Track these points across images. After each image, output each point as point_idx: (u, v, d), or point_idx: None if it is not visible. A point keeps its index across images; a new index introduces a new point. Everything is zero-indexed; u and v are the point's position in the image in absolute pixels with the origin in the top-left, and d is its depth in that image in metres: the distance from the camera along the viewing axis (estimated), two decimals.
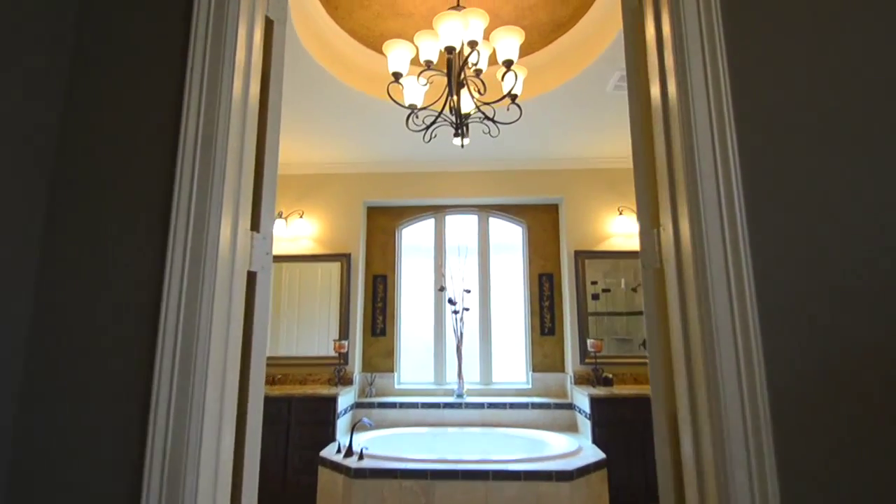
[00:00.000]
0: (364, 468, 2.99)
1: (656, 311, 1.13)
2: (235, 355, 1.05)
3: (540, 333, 4.35)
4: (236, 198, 1.08)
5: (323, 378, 4.11)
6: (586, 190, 4.28)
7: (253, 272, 1.16)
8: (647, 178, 1.19)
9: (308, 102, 3.27)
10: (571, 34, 2.91)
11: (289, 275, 4.29)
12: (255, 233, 1.17)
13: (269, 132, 1.22)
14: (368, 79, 3.16)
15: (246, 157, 1.12)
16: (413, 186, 4.35)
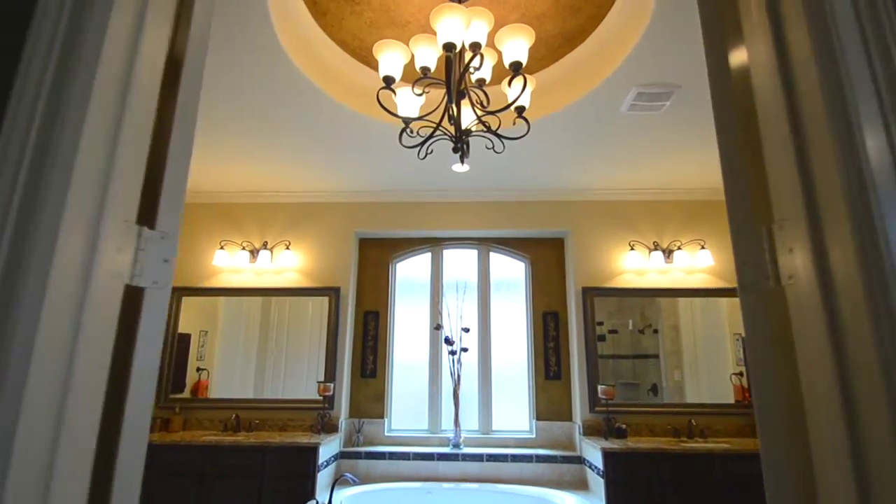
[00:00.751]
0: None
1: (771, 351, 0.78)
2: (89, 421, 0.70)
3: (545, 377, 3.99)
4: (106, 162, 0.71)
5: (305, 424, 3.72)
6: (595, 223, 4.02)
7: (137, 288, 0.78)
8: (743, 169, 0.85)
9: (293, 120, 3.05)
10: (583, 47, 2.71)
11: (277, 309, 3.97)
12: (144, 228, 0.80)
13: (183, 80, 0.87)
14: (360, 96, 2.95)
15: (135, 99, 0.76)
16: (408, 217, 4.10)
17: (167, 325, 3.90)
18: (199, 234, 4.09)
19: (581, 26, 2.60)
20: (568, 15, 2.53)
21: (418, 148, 2.27)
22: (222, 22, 2.18)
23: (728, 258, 3.92)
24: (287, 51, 2.40)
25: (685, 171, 3.68)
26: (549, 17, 2.53)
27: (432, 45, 1.91)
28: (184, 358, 3.91)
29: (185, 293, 3.98)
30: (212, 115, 2.95)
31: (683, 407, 3.70)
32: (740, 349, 3.83)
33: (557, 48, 2.77)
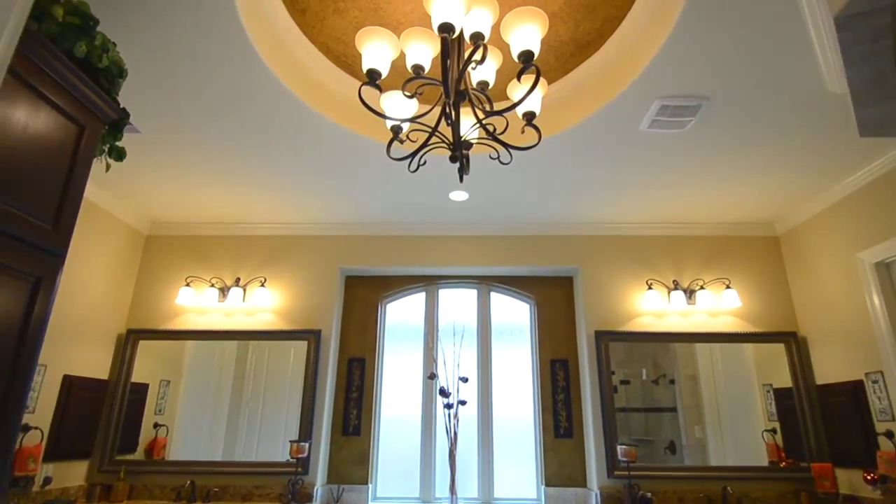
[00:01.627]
0: None
1: None
2: None
3: (554, 435, 3.48)
4: None
5: (274, 493, 3.16)
6: (607, 260, 3.63)
7: None
8: None
9: (270, 139, 2.67)
10: (599, 55, 2.38)
11: (255, 355, 3.47)
12: None
13: None
14: (344, 109, 2.58)
15: None
16: (400, 252, 3.68)
17: (118, 375, 3.37)
18: (161, 270, 3.63)
19: (597, 30, 2.28)
20: (582, 16, 2.21)
21: (409, 161, 1.88)
22: (184, 21, 1.83)
23: (757, 299, 3.53)
24: (260, 53, 2.05)
25: (709, 202, 3.33)
26: (560, 19, 2.21)
27: (427, 41, 1.55)
28: (138, 412, 3.36)
29: (142, 336, 3.48)
30: (177, 134, 2.57)
31: (715, 471, 3.20)
32: (772, 401, 3.38)
33: (569, 58, 2.45)
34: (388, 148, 1.77)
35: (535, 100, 1.71)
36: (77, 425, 3.09)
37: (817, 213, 3.29)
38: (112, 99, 1.73)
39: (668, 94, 2.27)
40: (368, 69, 1.53)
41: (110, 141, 1.89)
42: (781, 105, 2.33)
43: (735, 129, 2.52)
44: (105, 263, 3.33)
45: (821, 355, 3.28)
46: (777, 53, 2.01)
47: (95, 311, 3.25)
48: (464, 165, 1.79)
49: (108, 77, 1.72)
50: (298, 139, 2.61)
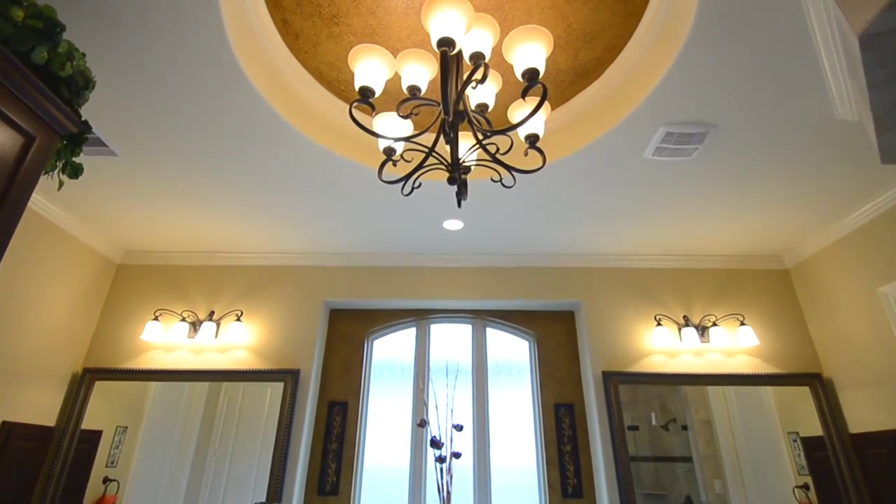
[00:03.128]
0: None
1: None
2: None
3: (562, 495, 3.06)
4: None
5: None
6: (611, 293, 3.39)
7: None
8: None
9: (254, 163, 2.50)
10: (600, 82, 2.30)
11: (228, 397, 3.11)
12: None
13: None
14: (336, 136, 2.45)
15: None
16: (390, 284, 3.43)
17: (67, 421, 2.98)
18: (129, 302, 3.34)
19: (597, 59, 2.22)
20: (581, 45, 2.15)
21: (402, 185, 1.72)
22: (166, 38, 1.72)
23: (774, 337, 3.26)
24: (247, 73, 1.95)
25: (716, 233, 3.16)
26: (559, 48, 2.15)
27: (423, 62, 1.50)
28: (86, 464, 2.94)
29: (99, 376, 3.12)
30: (154, 157, 2.40)
31: None
32: (800, 452, 3.01)
33: (568, 86, 2.37)
34: (381, 171, 1.61)
35: (539, 122, 1.63)
36: (13, 479, 2.66)
37: (828, 245, 3.12)
38: (73, 111, 1.57)
39: (674, 120, 2.18)
40: (361, 87, 1.43)
41: (67, 156, 1.71)
42: (790, 133, 2.24)
43: (742, 157, 2.40)
44: (67, 294, 3.05)
45: (852, 400, 2.97)
46: (786, 80, 1.95)
47: (50, 347, 2.92)
48: (462, 189, 1.64)
49: (72, 87, 1.57)
50: (285, 163, 2.46)
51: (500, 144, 2.44)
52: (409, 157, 1.77)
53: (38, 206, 2.82)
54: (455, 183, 1.59)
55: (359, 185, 2.66)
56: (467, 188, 1.69)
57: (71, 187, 2.72)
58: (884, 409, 2.73)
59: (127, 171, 2.56)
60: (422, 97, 1.51)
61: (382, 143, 1.68)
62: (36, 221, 2.82)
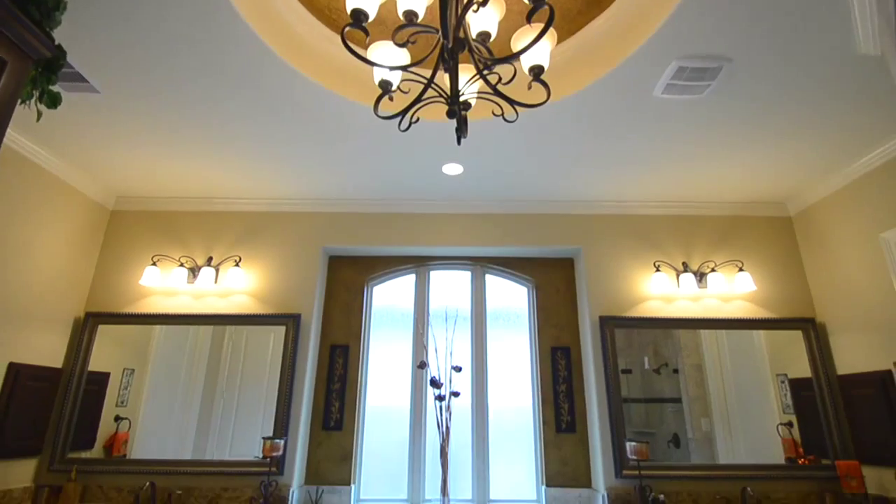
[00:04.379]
0: None
1: None
2: None
3: (556, 430, 3.19)
4: None
5: (244, 496, 2.83)
6: (610, 240, 3.37)
7: None
8: None
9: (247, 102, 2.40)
10: (611, 11, 2.15)
11: (232, 342, 3.16)
12: None
13: None
14: (331, 71, 2.33)
15: None
16: (389, 230, 3.40)
17: (74, 363, 3.04)
18: (126, 248, 3.31)
19: None
20: None
21: (399, 121, 1.64)
22: None
23: (771, 283, 3.28)
24: (234, 3, 1.80)
25: (720, 179, 3.10)
26: None
27: None
28: (96, 404, 3.03)
29: (102, 320, 3.15)
30: (144, 97, 2.29)
31: (732, 469, 2.92)
32: (787, 393, 3.12)
33: (576, 15, 2.22)
34: (376, 105, 1.52)
35: (544, 52, 1.52)
36: (25, 419, 2.75)
37: (834, 191, 3.07)
38: (45, 34, 1.45)
39: (688, 54, 2.06)
40: (353, 9, 1.32)
41: (43, 84, 1.61)
42: (807, 68, 2.13)
43: (754, 94, 2.30)
44: (63, 240, 3.02)
45: (842, 343, 3.03)
46: (807, 10, 1.82)
47: (50, 292, 2.93)
48: (462, 126, 1.56)
49: (41, 8, 1.45)
50: (279, 103, 2.34)
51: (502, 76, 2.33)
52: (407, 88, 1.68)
53: (28, 151, 2.73)
54: (454, 116, 1.52)
55: (355, 125, 2.56)
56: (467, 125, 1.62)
57: (58, 130, 2.61)
58: (872, 351, 2.79)
59: (110, 111, 2.45)
60: (419, 23, 1.41)
61: (378, 76, 1.59)
62: (28, 168, 2.75)
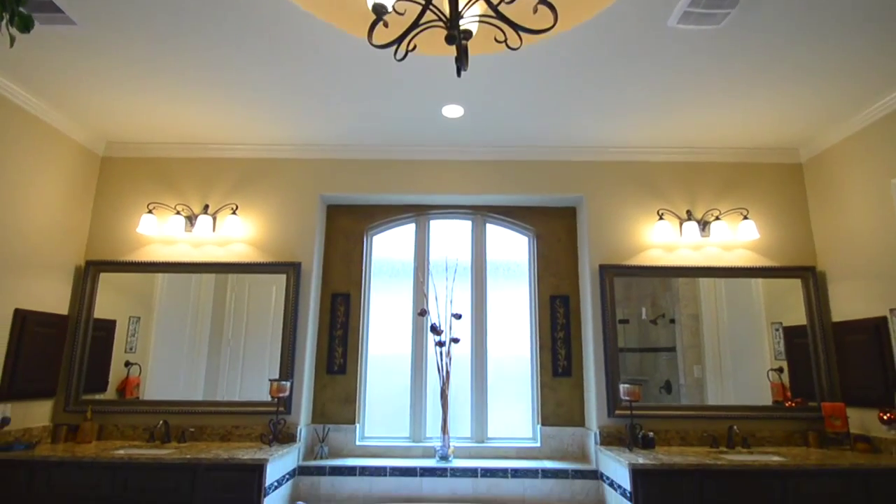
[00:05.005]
0: None
1: None
2: None
3: (552, 374, 3.29)
4: None
5: (254, 432, 2.97)
6: (614, 188, 3.31)
7: None
8: None
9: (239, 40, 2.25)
10: None
11: (235, 290, 3.20)
12: None
13: None
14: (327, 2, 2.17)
15: None
16: (387, 178, 3.33)
17: (79, 310, 3.09)
18: (120, 196, 3.27)
19: None
20: None
21: (395, 48, 1.53)
22: None
23: (775, 231, 3.25)
24: None
25: (730, 123, 2.98)
26: None
27: None
28: (105, 349, 3.11)
29: (102, 268, 3.17)
30: (129, 34, 2.14)
31: (720, 410, 3.03)
32: (781, 340, 3.18)
33: None
34: (371, 32, 1.41)
35: None
36: (36, 363, 2.83)
37: (849, 135, 2.96)
38: None
39: None
40: None
41: (11, 5, 1.49)
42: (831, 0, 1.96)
43: (776, 24, 2.14)
44: (55, 187, 2.97)
45: (840, 291, 3.05)
46: None
47: (47, 240, 2.92)
48: (462, 56, 1.45)
49: None
50: (272, 38, 2.20)
51: None
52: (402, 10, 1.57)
53: (12, 93, 2.62)
54: (453, 42, 1.42)
55: (351, 59, 2.43)
56: (468, 56, 1.51)
57: (38, 68, 2.48)
58: (869, 298, 2.81)
59: (88, 45, 2.31)
60: None
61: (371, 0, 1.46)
62: (13, 111, 2.65)
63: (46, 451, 2.60)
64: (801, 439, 2.98)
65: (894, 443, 2.61)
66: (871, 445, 2.74)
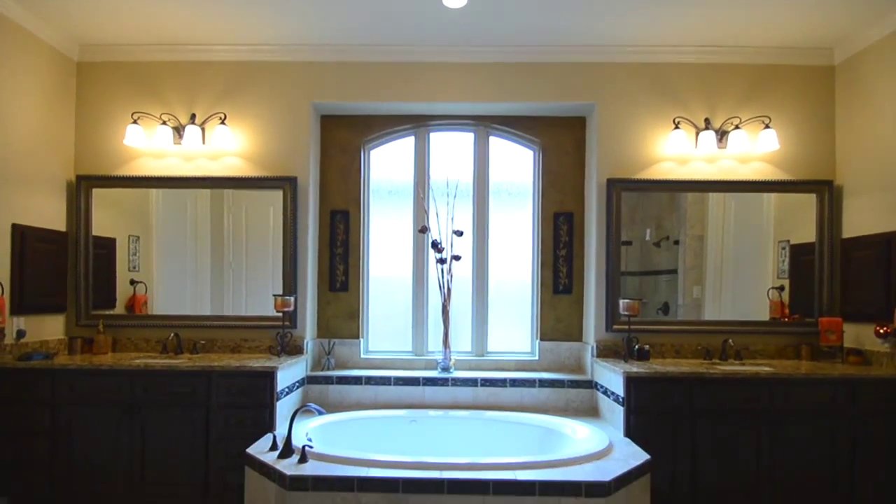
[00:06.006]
0: (305, 476, 2.01)
1: None
2: None
3: (553, 292, 3.30)
4: None
5: (263, 345, 3.07)
6: (629, 94, 3.07)
7: None
8: None
9: None
10: None
11: (233, 207, 3.15)
12: None
13: None
14: None
15: None
16: (384, 83, 3.09)
17: (77, 227, 3.06)
18: (100, 104, 3.08)
19: None
20: None
21: None
22: None
23: (796, 142, 3.06)
24: None
25: (760, 17, 2.67)
26: None
27: None
28: (108, 266, 3.13)
29: (94, 184, 3.08)
30: None
31: (719, 325, 3.07)
32: (786, 258, 3.13)
33: None
34: None
35: None
36: (43, 278, 2.86)
37: (890, 32, 2.66)
38: None
39: None
40: None
41: None
42: None
43: None
44: (33, 96, 2.79)
45: (855, 206, 2.94)
46: None
47: (33, 153, 2.80)
48: None
49: None
50: None
51: None
52: None
53: None
54: None
55: None
56: None
57: None
58: (885, 213, 2.71)
59: None
60: None
61: None
62: None
63: (65, 360, 2.72)
64: (794, 353, 3.05)
65: (886, 355, 2.65)
66: (862, 358, 2.80)
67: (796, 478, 2.51)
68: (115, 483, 2.56)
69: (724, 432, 2.52)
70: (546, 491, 1.97)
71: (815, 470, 2.51)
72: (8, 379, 2.56)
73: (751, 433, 2.51)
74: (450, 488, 1.97)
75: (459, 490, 1.97)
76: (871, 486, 2.50)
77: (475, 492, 1.97)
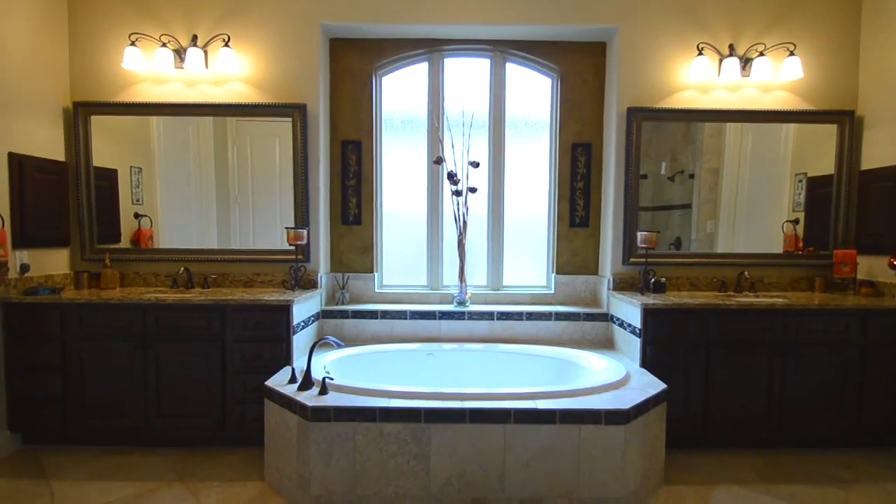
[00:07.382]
0: (326, 406, 2.01)
1: None
2: None
3: (569, 225, 3.26)
4: None
5: (276, 279, 3.02)
6: (652, 16, 2.94)
7: None
8: None
9: None
10: None
11: (237, 137, 3.01)
12: None
13: None
14: None
15: None
16: (396, 2, 2.92)
17: (76, 156, 2.92)
18: (94, 24, 2.88)
19: None
20: None
21: None
22: None
23: (820, 70, 2.98)
24: None
25: None
26: None
27: None
28: (111, 199, 3.01)
29: (92, 111, 2.92)
30: None
31: (734, 258, 3.07)
32: (802, 191, 3.11)
33: None
34: None
35: None
36: (44, 211, 2.74)
37: None
38: None
39: None
40: None
41: None
42: None
43: None
44: (23, 15, 2.59)
45: (875, 137, 2.90)
46: None
47: (25, 78, 2.62)
48: None
49: None
50: None
51: None
52: None
53: None
54: None
55: None
56: None
57: None
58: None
59: None
60: None
61: None
62: None
63: (73, 294, 2.64)
64: (808, 285, 3.07)
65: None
66: (875, 290, 2.83)
67: (806, 404, 2.57)
68: (130, 417, 2.54)
69: (738, 362, 2.56)
70: (566, 419, 1.99)
71: (825, 396, 2.57)
72: (14, 313, 2.49)
73: (764, 362, 2.55)
74: (471, 417, 1.99)
75: (481, 419, 1.98)
76: (877, 412, 2.58)
77: (496, 420, 1.99)
